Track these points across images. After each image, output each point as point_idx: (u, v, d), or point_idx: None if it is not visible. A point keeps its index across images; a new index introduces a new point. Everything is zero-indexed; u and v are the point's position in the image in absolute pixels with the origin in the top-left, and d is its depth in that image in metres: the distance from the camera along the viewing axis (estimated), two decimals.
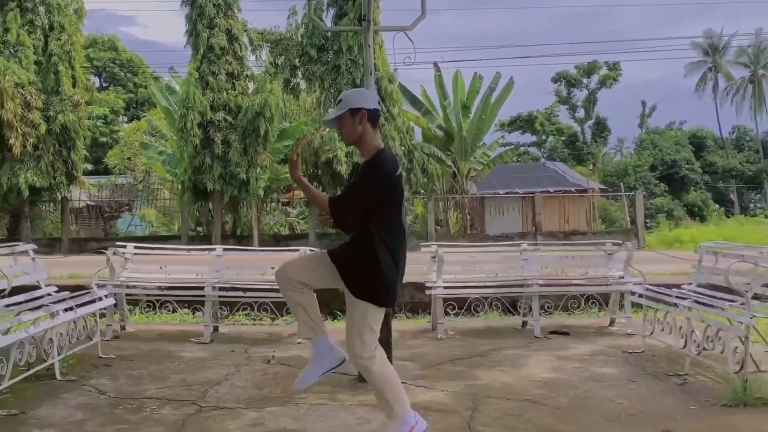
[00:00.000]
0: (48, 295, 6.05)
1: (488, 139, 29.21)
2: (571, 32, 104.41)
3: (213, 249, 7.98)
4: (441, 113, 27.56)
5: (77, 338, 5.87)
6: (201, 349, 6.75)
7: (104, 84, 47.61)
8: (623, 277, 7.57)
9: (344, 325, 3.81)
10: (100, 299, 6.31)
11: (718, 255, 6.47)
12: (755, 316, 4.86)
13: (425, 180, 23.89)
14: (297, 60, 22.31)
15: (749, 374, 4.70)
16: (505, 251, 8.64)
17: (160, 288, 7.73)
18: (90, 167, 31.31)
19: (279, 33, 22.86)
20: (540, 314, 7.42)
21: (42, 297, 5.95)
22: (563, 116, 51.62)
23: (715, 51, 51.67)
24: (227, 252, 7.90)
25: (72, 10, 23.04)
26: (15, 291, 5.49)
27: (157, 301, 8.32)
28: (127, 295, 7.70)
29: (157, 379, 5.49)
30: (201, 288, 7.37)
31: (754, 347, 5.00)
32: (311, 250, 7.35)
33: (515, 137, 50.22)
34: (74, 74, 22.57)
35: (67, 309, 5.67)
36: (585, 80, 50.14)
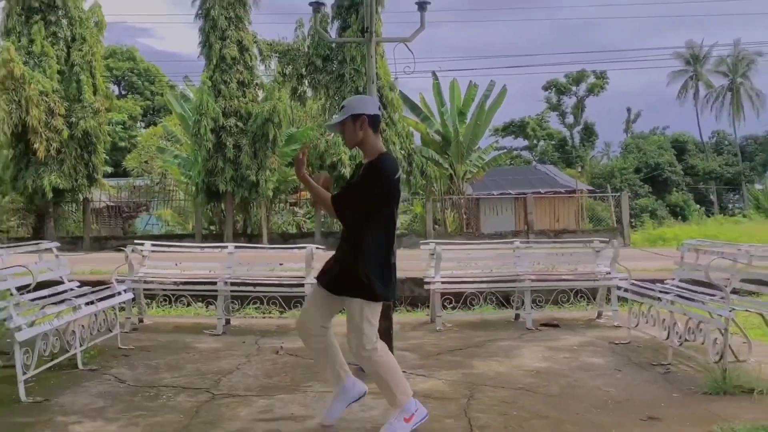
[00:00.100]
0: (71, 290, 6.05)
1: (483, 144, 29.16)
2: (561, 43, 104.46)
3: (225, 247, 7.98)
4: (439, 119, 27.52)
5: (98, 330, 5.88)
6: (214, 341, 6.76)
7: (123, 92, 47.64)
8: (610, 273, 7.56)
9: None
10: (120, 294, 6.32)
11: (699, 252, 6.47)
12: (734, 310, 4.86)
13: (424, 182, 23.89)
14: (304, 69, 22.32)
15: (728, 364, 4.70)
16: (499, 248, 8.62)
17: (176, 283, 7.73)
18: (110, 170, 31.37)
19: (287, 44, 22.86)
20: (532, 308, 7.42)
21: (65, 292, 5.95)
22: (553, 122, 51.61)
23: (696, 61, 51.62)
24: (238, 249, 7.90)
25: (93, 23, 23.07)
26: (40, 286, 5.49)
27: (173, 296, 8.34)
28: (145, 290, 7.72)
29: (173, 369, 5.50)
30: (214, 283, 7.38)
31: (733, 338, 4.99)
32: (317, 248, 7.35)
33: (508, 142, 50.15)
34: (95, 83, 22.59)
35: (89, 303, 5.68)
36: (574, 88, 50.07)
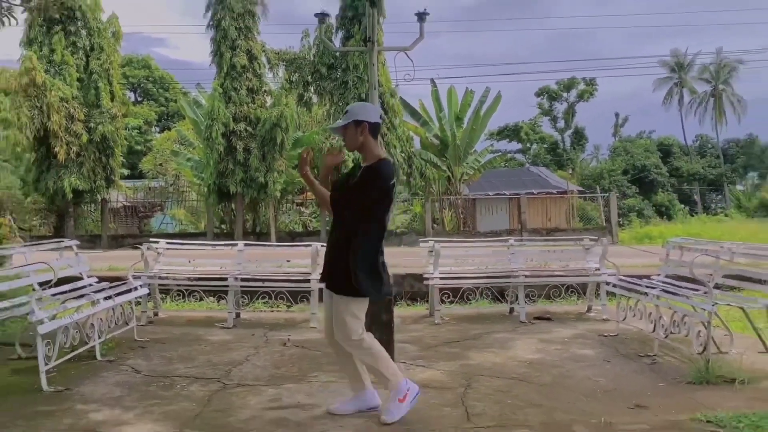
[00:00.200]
0: (89, 286, 6.06)
1: (479, 147, 29.13)
2: (553, 52, 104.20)
3: (235, 244, 7.98)
4: (437, 124, 27.51)
5: (115, 323, 5.89)
6: (225, 333, 6.75)
7: (139, 98, 47.63)
8: (599, 269, 7.55)
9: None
10: (136, 289, 6.31)
11: (684, 249, 6.46)
12: (717, 304, 4.86)
13: (423, 183, 23.85)
14: (309, 77, 22.30)
15: (711, 355, 4.69)
16: (494, 246, 8.61)
17: (189, 279, 7.74)
18: (126, 172, 31.36)
19: (293, 53, 22.84)
20: (525, 302, 7.40)
21: (84, 287, 5.96)
22: (545, 126, 51.42)
23: (681, 68, 51.47)
24: (248, 247, 7.90)
25: (110, 33, 23.05)
26: (60, 282, 5.51)
27: (186, 291, 8.35)
28: (160, 286, 7.71)
29: (186, 360, 5.50)
30: (225, 279, 7.37)
31: (716, 331, 5.00)
32: (322, 246, 7.33)
33: (503, 145, 49.97)
34: (112, 90, 22.60)
35: (107, 297, 5.69)
36: (565, 94, 49.90)
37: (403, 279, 10.22)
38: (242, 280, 7.38)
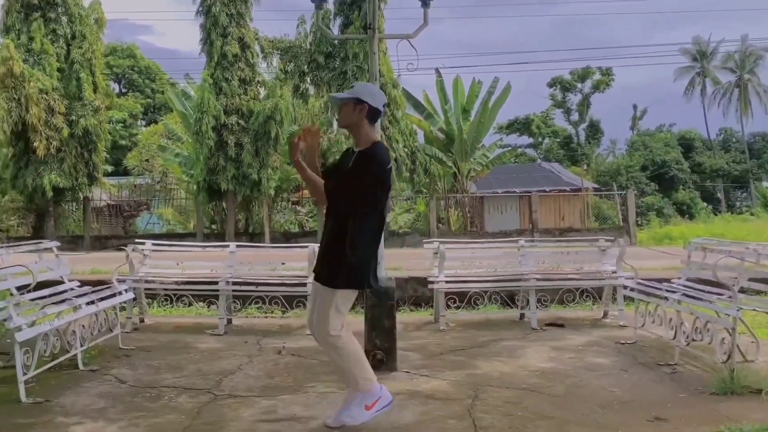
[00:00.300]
0: (71, 290, 6.06)
1: (487, 141, 29.12)
2: (566, 39, 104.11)
3: (227, 246, 7.99)
4: (442, 117, 27.50)
5: (99, 330, 5.88)
6: (216, 341, 6.76)
7: (123, 90, 47.70)
8: (616, 272, 7.55)
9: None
10: (120, 293, 6.32)
11: (706, 251, 6.45)
12: (742, 309, 4.85)
13: (427, 180, 23.87)
14: (306, 66, 22.31)
15: (736, 364, 4.69)
16: (504, 247, 8.61)
17: (177, 283, 7.74)
18: (110, 169, 31.39)
19: (288, 41, 22.86)
20: (537, 307, 7.40)
21: (65, 291, 5.96)
22: (558, 119, 51.57)
23: (703, 56, 51.46)
24: (240, 249, 7.90)
25: (93, 20, 23.05)
26: (40, 286, 5.51)
27: (174, 295, 8.35)
28: (146, 290, 7.72)
29: (175, 369, 5.50)
30: (215, 283, 7.38)
31: (741, 338, 4.99)
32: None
33: (513, 139, 50.14)
34: (95, 81, 22.58)
35: (89, 303, 5.68)
36: (579, 85, 50.00)
37: (406, 283, 10.21)
38: (234, 284, 7.39)
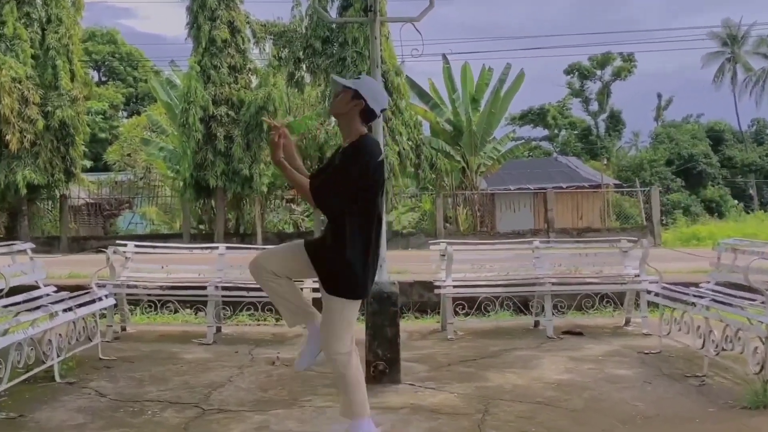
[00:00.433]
0: (47, 296, 6.06)
1: (498, 134, 29.15)
2: (584, 22, 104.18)
3: (216, 247, 8.00)
4: (450, 107, 27.52)
5: (77, 339, 5.89)
6: (204, 351, 6.77)
7: (103, 78, 47.80)
8: (639, 276, 7.55)
9: (360, 326, 3.84)
10: (100, 299, 6.33)
11: (737, 252, 6.43)
12: None
13: (433, 176, 23.88)
14: (301, 52, 22.27)
15: None
16: (517, 249, 8.61)
17: (162, 288, 7.74)
18: (89, 164, 31.49)
19: (282, 25, 22.83)
20: (553, 314, 7.40)
21: (41, 297, 5.96)
22: (576, 109, 51.56)
23: (734, 41, 51.34)
24: (230, 251, 7.91)
25: (70, 2, 23.00)
26: (13, 291, 5.50)
27: (159, 301, 8.34)
28: (128, 295, 7.72)
29: (159, 381, 5.51)
30: (203, 288, 7.38)
31: None
32: None
33: (526, 131, 50.14)
34: (72, 68, 22.61)
35: (67, 309, 5.69)
36: (598, 72, 49.99)
37: (411, 287, 10.21)
38: (224, 289, 7.39)
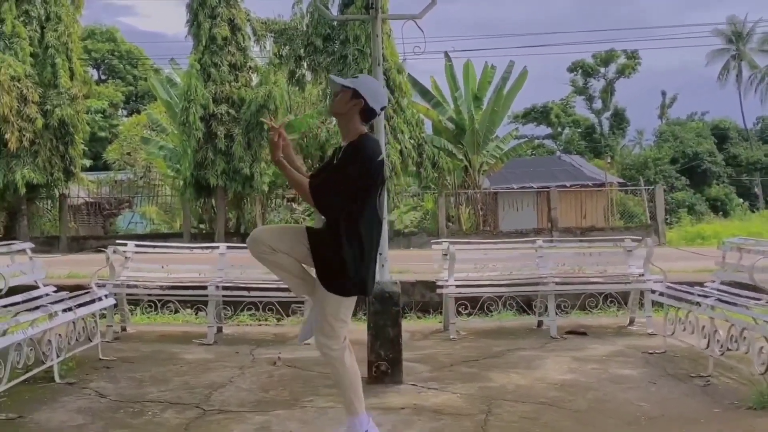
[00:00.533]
0: (46, 296, 6.08)
1: (501, 132, 29.14)
2: (588, 19, 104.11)
3: (216, 247, 8.00)
4: (452, 105, 27.51)
5: (76, 340, 5.89)
6: (204, 351, 6.77)
7: (103, 76, 47.81)
8: (643, 275, 7.54)
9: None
10: (100, 299, 6.33)
11: (743, 251, 6.43)
12: None
13: (436, 174, 23.85)
14: (302, 50, 22.26)
15: None
16: (520, 248, 8.61)
17: (162, 288, 7.75)
18: (88, 163, 31.48)
19: (283, 22, 22.84)
20: (556, 314, 7.40)
21: (40, 297, 5.97)
22: (579, 107, 51.46)
23: (739, 38, 51.24)
24: (231, 250, 7.90)
25: (69, 0, 23.07)
26: (12, 291, 5.52)
27: (159, 301, 8.36)
28: (128, 295, 7.73)
29: (159, 382, 5.51)
30: (204, 287, 7.39)
31: None
32: None
33: (529, 129, 50.10)
34: (72, 66, 22.63)
35: (66, 309, 5.70)
36: (602, 69, 49.88)
37: (413, 287, 10.21)
38: (224, 289, 7.40)
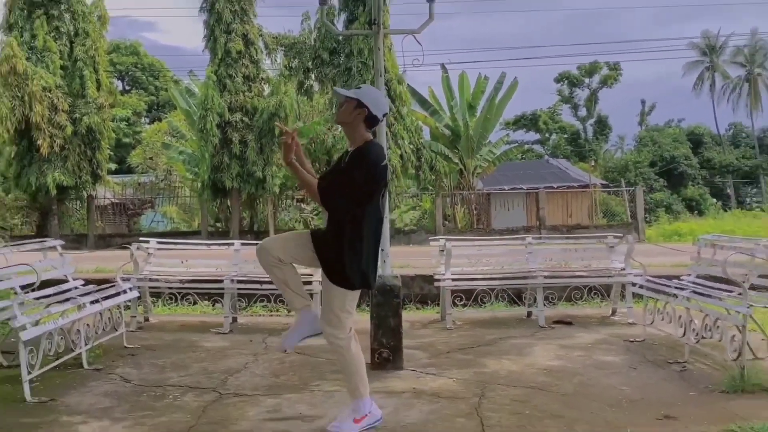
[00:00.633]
0: (75, 289, 6.08)
1: (493, 138, 29.07)
2: (574, 34, 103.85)
3: (231, 244, 7.99)
4: (448, 113, 27.49)
5: (103, 329, 5.91)
6: (221, 339, 6.78)
7: (127, 87, 47.81)
8: (624, 269, 7.54)
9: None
10: (125, 292, 6.34)
11: (716, 247, 6.43)
12: (752, 306, 4.84)
13: (433, 177, 23.85)
14: (310, 63, 22.29)
15: (747, 362, 4.67)
16: (511, 245, 8.60)
17: (182, 281, 7.75)
18: (114, 167, 31.49)
19: (293, 37, 22.85)
20: (544, 305, 7.40)
21: (69, 290, 5.98)
22: (566, 115, 51.39)
23: (712, 51, 51.18)
24: (245, 247, 7.89)
25: (96, 17, 23.08)
26: (44, 284, 5.54)
27: (179, 294, 8.36)
28: (150, 288, 7.74)
29: (180, 368, 5.52)
30: (220, 281, 7.39)
31: (751, 336, 4.97)
32: None
33: (519, 135, 50.08)
34: (98, 78, 22.64)
35: (94, 301, 5.71)
36: (587, 80, 49.82)
37: (413, 280, 10.22)
38: (239, 282, 7.39)
